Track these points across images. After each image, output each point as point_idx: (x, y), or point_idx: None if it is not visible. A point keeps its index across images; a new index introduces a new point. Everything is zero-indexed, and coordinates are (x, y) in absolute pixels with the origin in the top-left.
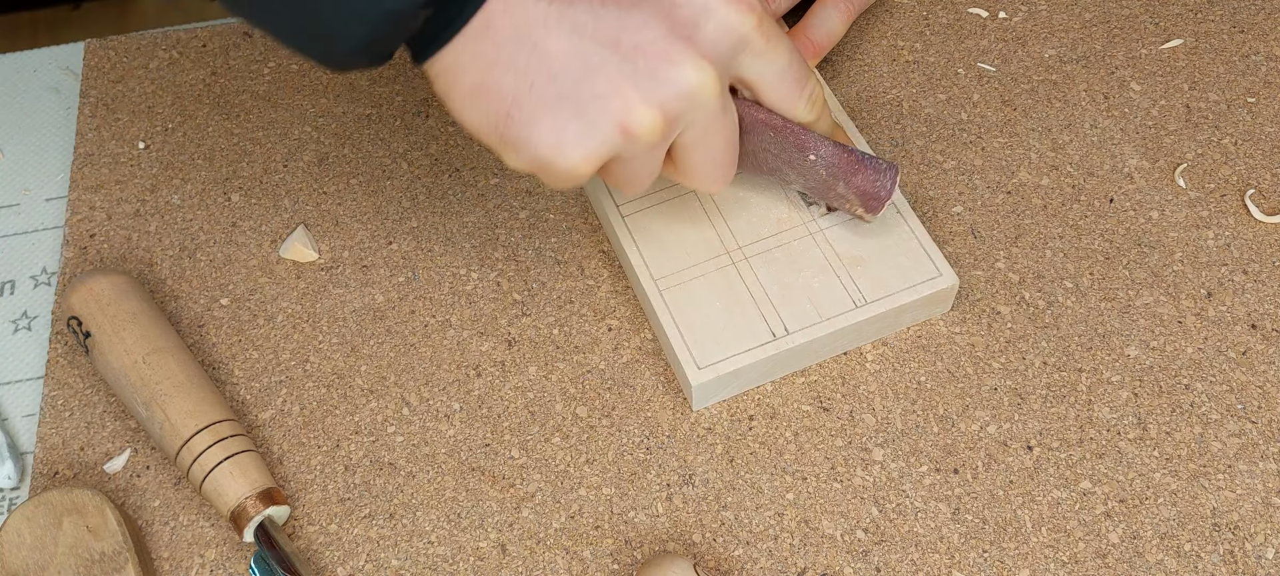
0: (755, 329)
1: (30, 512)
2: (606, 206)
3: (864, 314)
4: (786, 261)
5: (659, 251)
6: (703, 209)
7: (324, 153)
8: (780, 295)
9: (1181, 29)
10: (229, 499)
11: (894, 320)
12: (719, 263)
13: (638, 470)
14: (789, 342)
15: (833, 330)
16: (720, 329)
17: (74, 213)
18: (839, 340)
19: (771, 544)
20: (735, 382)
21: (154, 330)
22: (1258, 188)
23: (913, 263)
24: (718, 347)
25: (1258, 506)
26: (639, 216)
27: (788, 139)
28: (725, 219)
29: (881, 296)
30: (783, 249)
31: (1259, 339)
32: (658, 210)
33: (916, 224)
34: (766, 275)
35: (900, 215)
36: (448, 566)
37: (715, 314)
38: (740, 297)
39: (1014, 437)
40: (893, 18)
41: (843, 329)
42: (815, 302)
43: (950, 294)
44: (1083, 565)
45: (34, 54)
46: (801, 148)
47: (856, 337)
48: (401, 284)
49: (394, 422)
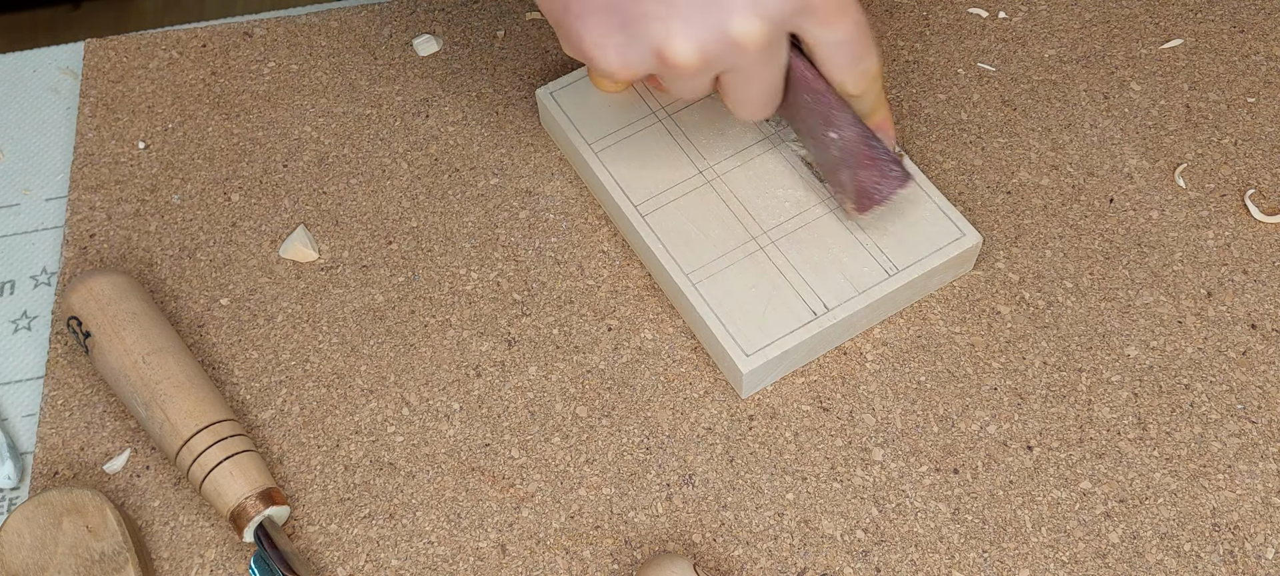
0: (795, 309)
1: (30, 512)
2: (624, 207)
3: (897, 282)
4: (812, 240)
5: (684, 245)
6: (722, 199)
7: (324, 153)
8: (812, 274)
9: (1181, 29)
10: (229, 499)
11: (923, 285)
12: (747, 249)
13: (638, 470)
14: (830, 319)
15: (870, 302)
16: (760, 314)
17: (74, 213)
18: (875, 311)
19: (771, 544)
20: (782, 365)
21: (154, 330)
22: (1258, 188)
23: (935, 227)
24: (762, 333)
25: (1258, 506)
26: (659, 214)
27: (819, 107)
28: (745, 206)
29: (912, 263)
30: (805, 228)
31: (1259, 339)
32: (677, 205)
33: (932, 189)
34: (795, 256)
35: (915, 183)
36: (448, 566)
37: (752, 300)
38: (774, 281)
39: (1014, 437)
40: (893, 18)
41: (879, 299)
42: (848, 277)
43: (974, 253)
44: (1083, 565)
45: (34, 54)
46: (827, 121)
47: (890, 307)
48: (401, 284)
49: (394, 422)
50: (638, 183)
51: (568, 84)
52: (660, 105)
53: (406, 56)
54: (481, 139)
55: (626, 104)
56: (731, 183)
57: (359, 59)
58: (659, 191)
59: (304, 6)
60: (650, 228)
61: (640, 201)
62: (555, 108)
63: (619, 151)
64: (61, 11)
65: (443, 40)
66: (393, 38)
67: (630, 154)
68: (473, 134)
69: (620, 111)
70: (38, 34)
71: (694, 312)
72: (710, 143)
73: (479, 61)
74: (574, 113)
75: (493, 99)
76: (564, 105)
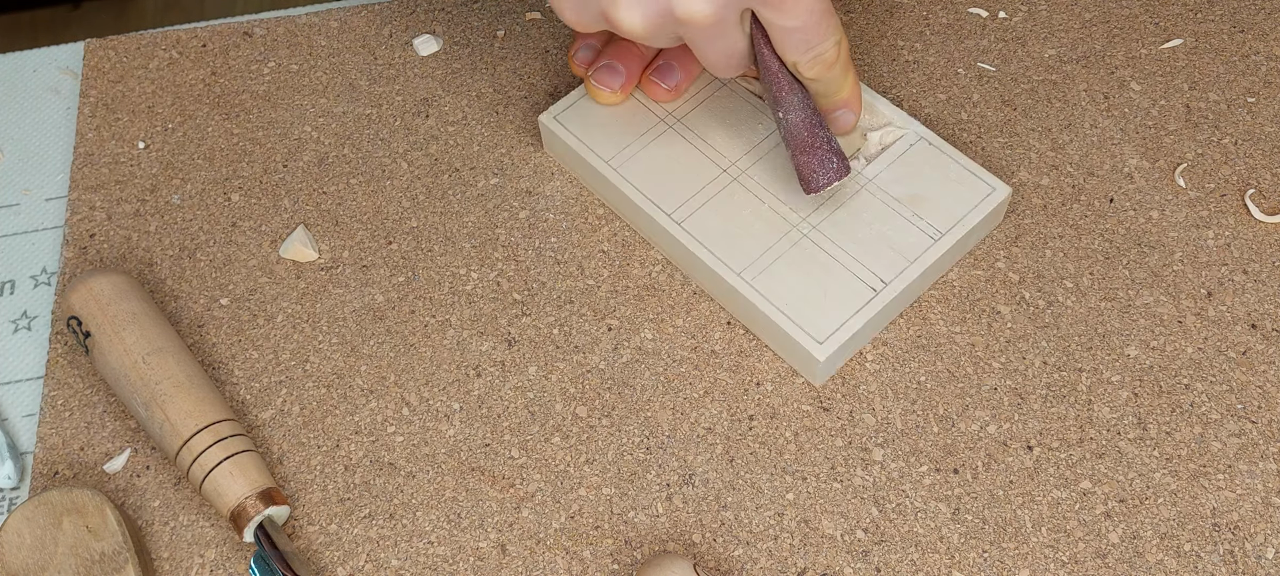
0: (854, 289)
1: (30, 512)
2: (659, 218)
3: (943, 245)
4: (851, 218)
5: (729, 245)
6: (753, 194)
7: (324, 153)
8: (861, 250)
9: (1181, 29)
10: (229, 499)
11: (964, 244)
12: (790, 239)
13: (638, 470)
14: (891, 292)
15: (923, 268)
16: (820, 300)
17: (74, 213)
18: (926, 278)
19: (771, 544)
20: (852, 346)
21: (154, 330)
22: (1258, 187)
23: (965, 187)
24: (828, 318)
25: (1258, 506)
26: (694, 219)
27: (772, 86)
28: (777, 197)
29: (953, 224)
30: (842, 208)
31: (1259, 339)
32: (710, 207)
33: (952, 150)
34: (839, 236)
35: (933, 147)
36: (448, 566)
37: (810, 288)
38: (825, 265)
39: (1014, 437)
40: (893, 18)
41: (930, 265)
42: (896, 248)
43: (1005, 205)
44: (1083, 565)
45: (34, 54)
46: (777, 102)
47: (937, 271)
48: (401, 284)
49: (394, 422)
50: (665, 192)
51: (569, 106)
52: (667, 111)
53: (406, 56)
54: (481, 139)
55: (632, 115)
56: (757, 176)
57: (359, 59)
58: (688, 197)
59: (304, 6)
60: (690, 233)
61: (672, 210)
62: (562, 131)
63: (638, 165)
64: (61, 11)
65: (443, 40)
66: (393, 38)
67: (649, 165)
68: (473, 134)
69: (628, 125)
70: (38, 34)
71: (755, 310)
72: (726, 141)
73: (479, 61)
74: (583, 133)
75: (493, 99)
76: (571, 127)
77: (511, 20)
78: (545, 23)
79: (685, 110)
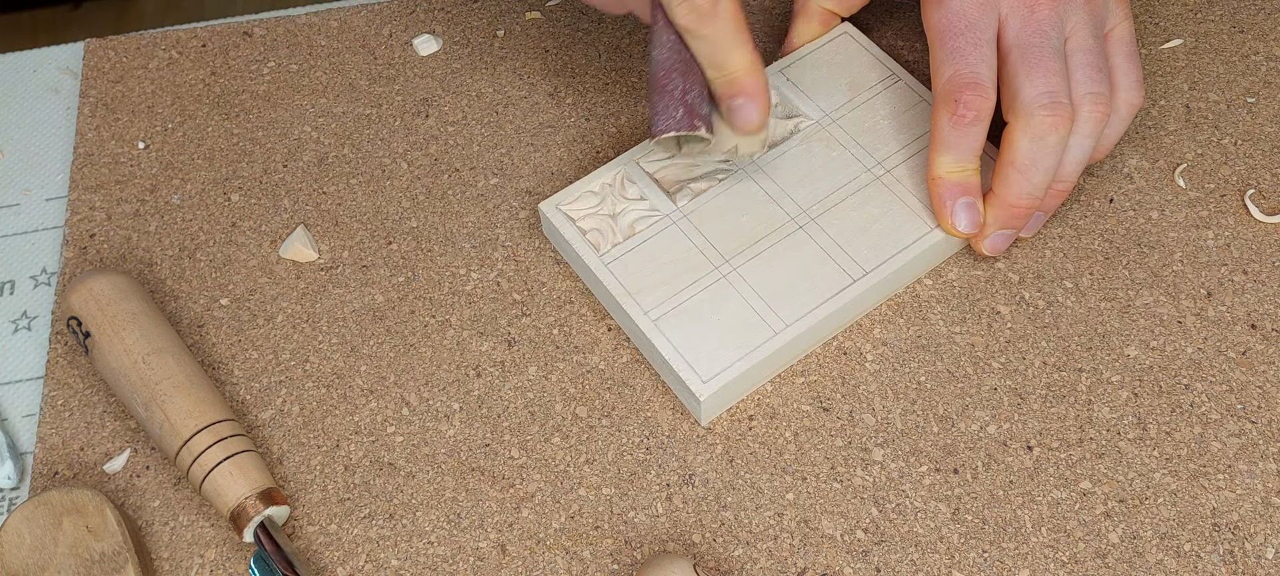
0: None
1: (30, 512)
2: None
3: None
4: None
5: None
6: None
7: (324, 153)
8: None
9: (1181, 29)
10: (229, 499)
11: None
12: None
13: (638, 470)
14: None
15: (908, 255)
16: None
17: (74, 213)
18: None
19: (771, 544)
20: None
21: (154, 330)
22: (1258, 188)
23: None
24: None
25: (1258, 506)
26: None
27: (653, 25)
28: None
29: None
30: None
31: (1259, 339)
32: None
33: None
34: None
35: (704, 131)
36: (448, 566)
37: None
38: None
39: (1014, 437)
40: (893, 18)
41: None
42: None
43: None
44: (1083, 565)
45: (34, 54)
46: (650, 38)
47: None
48: (401, 284)
49: (394, 423)
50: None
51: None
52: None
53: (406, 56)
54: (481, 139)
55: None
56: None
57: (359, 59)
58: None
59: (304, 6)
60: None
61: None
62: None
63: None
64: (61, 11)
65: (443, 40)
66: (393, 38)
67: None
68: (473, 134)
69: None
70: (38, 34)
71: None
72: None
73: (479, 61)
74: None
75: (493, 99)
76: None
77: (511, 20)
78: (545, 23)
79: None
